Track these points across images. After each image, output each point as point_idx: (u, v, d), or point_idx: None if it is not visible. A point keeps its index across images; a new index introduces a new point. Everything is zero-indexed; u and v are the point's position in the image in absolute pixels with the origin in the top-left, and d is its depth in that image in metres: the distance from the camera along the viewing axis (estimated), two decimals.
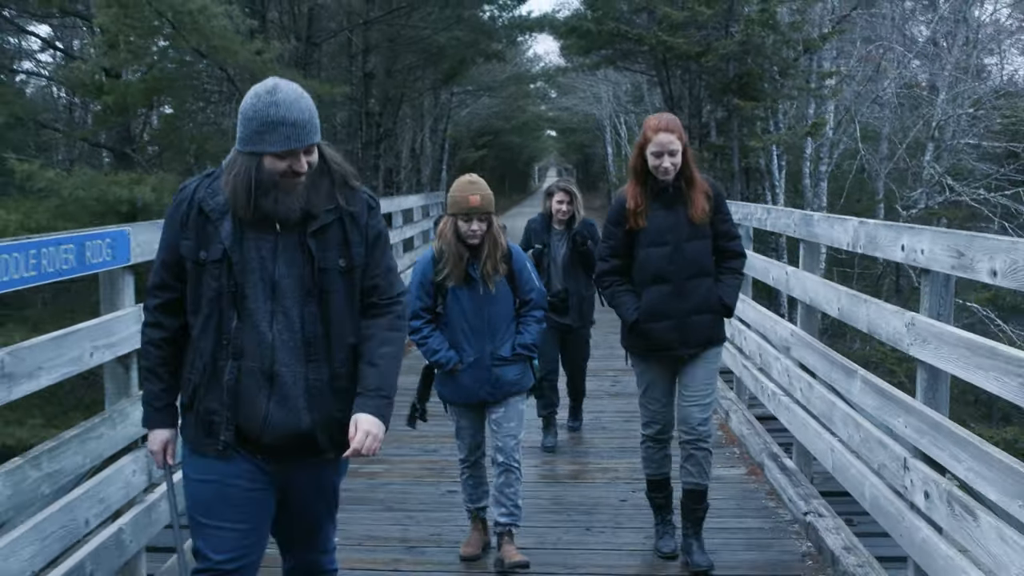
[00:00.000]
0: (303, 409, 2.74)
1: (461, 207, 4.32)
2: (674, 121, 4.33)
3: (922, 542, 3.71)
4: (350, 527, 5.03)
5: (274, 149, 2.62)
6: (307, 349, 2.73)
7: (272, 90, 2.64)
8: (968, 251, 3.33)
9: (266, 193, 2.66)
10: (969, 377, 3.31)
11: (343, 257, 2.77)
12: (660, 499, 4.70)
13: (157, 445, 2.90)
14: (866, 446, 4.37)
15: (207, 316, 2.72)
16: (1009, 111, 16.85)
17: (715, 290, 4.37)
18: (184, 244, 2.74)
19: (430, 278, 4.42)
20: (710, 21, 15.30)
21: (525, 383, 4.55)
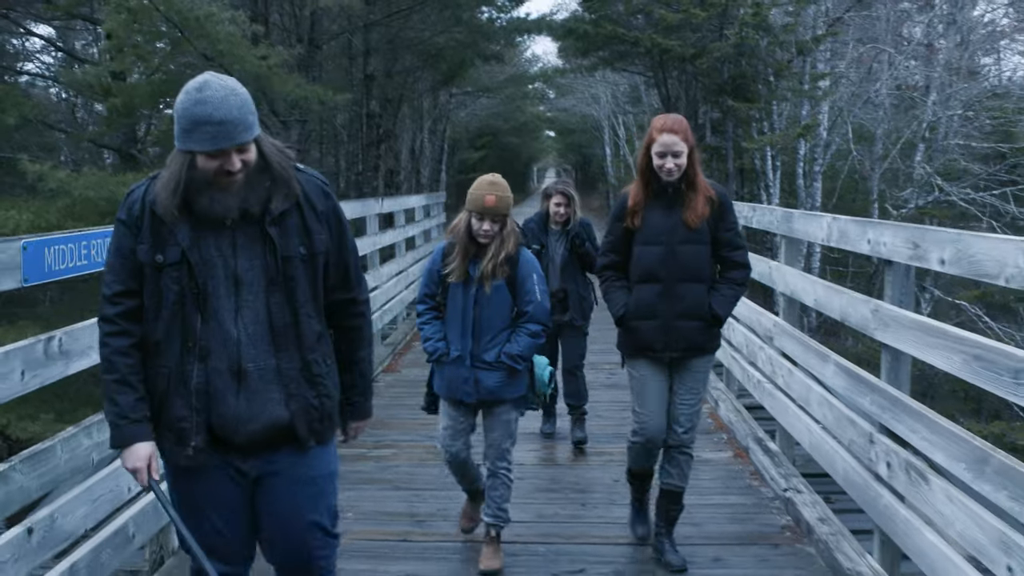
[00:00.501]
0: (278, 401, 2.71)
1: (477, 205, 4.28)
2: (680, 122, 4.29)
3: (884, 508, 4.08)
4: (362, 504, 5.42)
5: (202, 148, 2.56)
6: (276, 339, 2.71)
7: (200, 87, 2.56)
8: (922, 243, 3.70)
9: (200, 192, 2.62)
10: (923, 356, 3.69)
11: (303, 244, 2.74)
12: (638, 485, 4.80)
13: (141, 462, 2.69)
14: (838, 424, 4.74)
15: (169, 320, 2.66)
16: (998, 112, 17.20)
17: (706, 297, 4.31)
18: (140, 248, 2.67)
19: (437, 267, 4.46)
20: (705, 24, 15.64)
21: (507, 393, 4.43)
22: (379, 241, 10.34)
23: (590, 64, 22.67)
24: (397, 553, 4.74)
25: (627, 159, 36.34)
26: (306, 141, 16.95)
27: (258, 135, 2.65)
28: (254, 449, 2.74)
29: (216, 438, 2.70)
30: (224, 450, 2.72)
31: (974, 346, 3.25)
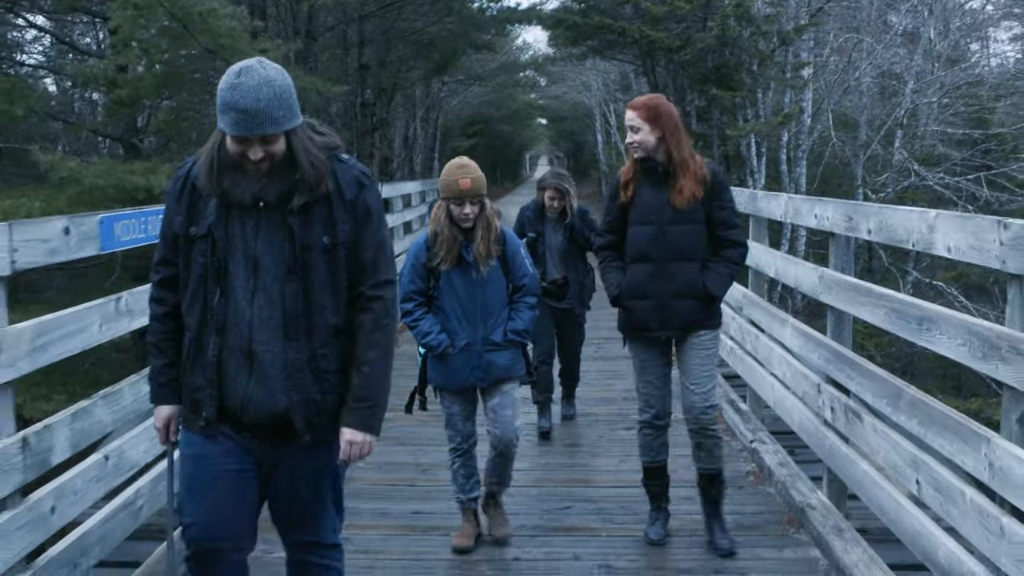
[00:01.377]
0: (279, 390, 2.71)
1: (452, 191, 4.29)
2: (645, 100, 4.36)
3: (830, 447, 4.71)
4: (371, 457, 6.01)
5: (231, 133, 2.60)
6: (287, 328, 2.70)
7: (240, 71, 2.59)
8: (854, 216, 4.33)
9: (224, 172, 2.67)
10: (858, 312, 4.32)
11: (327, 234, 2.72)
12: (656, 487, 4.67)
13: (161, 421, 2.87)
14: (794, 379, 5.37)
15: (194, 291, 2.73)
16: (973, 100, 17.82)
17: (699, 276, 4.30)
18: (177, 220, 2.75)
19: (423, 261, 4.40)
20: (689, 15, 16.21)
21: (516, 370, 4.50)
22: None
23: (580, 53, 23.17)
24: (405, 495, 5.37)
25: (618, 146, 36.78)
26: None
27: (291, 129, 2.64)
28: (261, 433, 2.76)
29: (228, 414, 2.75)
30: (236, 427, 2.76)
31: (891, 301, 3.88)
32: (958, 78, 18.02)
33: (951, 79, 18.35)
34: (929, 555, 3.55)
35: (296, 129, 2.67)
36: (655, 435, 4.56)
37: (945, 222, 3.44)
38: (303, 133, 2.71)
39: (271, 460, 2.82)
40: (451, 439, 4.58)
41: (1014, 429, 2.99)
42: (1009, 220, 3.01)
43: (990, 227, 3.09)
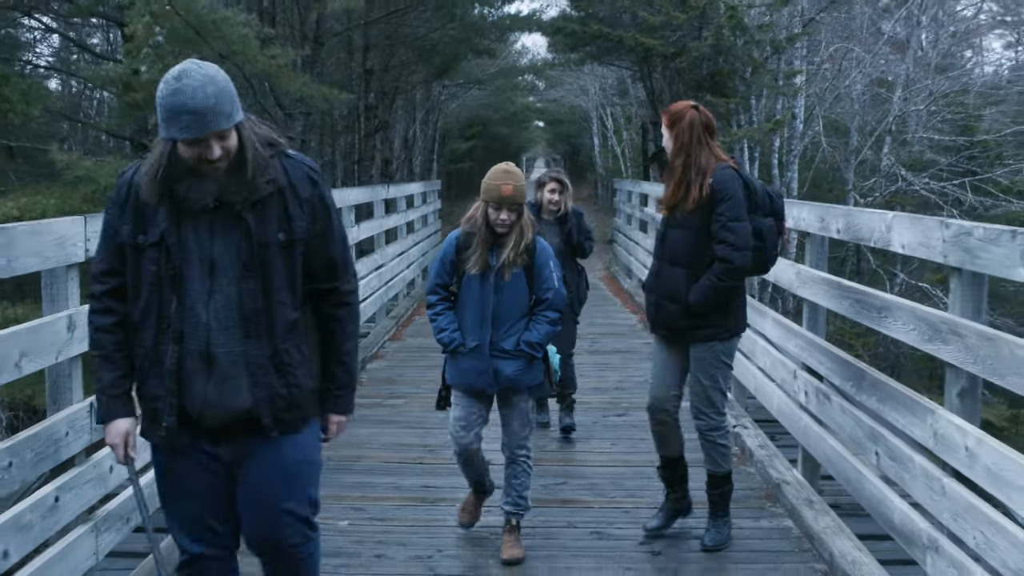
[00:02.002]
0: (244, 388, 2.73)
1: (493, 195, 4.26)
2: (671, 107, 4.51)
3: (804, 427, 5.17)
4: (381, 438, 6.51)
5: (178, 138, 2.58)
6: (245, 326, 2.71)
7: (179, 75, 2.57)
8: (826, 217, 4.79)
9: (180, 178, 2.64)
10: (828, 304, 4.78)
11: (282, 231, 2.74)
12: (667, 474, 4.82)
13: (118, 437, 2.79)
14: (774, 367, 5.83)
15: (147, 300, 2.71)
16: (959, 108, 18.31)
17: (684, 282, 4.35)
18: (124, 229, 2.72)
19: (451, 257, 4.43)
20: (684, 24, 16.66)
21: (527, 381, 4.45)
22: (384, 224, 11.39)
23: (578, 58, 23.60)
24: (415, 472, 5.82)
25: (615, 150, 37.23)
26: (308, 132, 17.97)
27: (240, 122, 2.65)
28: (223, 434, 2.77)
29: (189, 420, 2.74)
30: (197, 433, 2.76)
31: (856, 293, 4.35)
32: (943, 86, 18.48)
33: (938, 87, 18.82)
34: (886, 518, 4.01)
35: (243, 123, 2.68)
36: (656, 423, 4.67)
37: (900, 223, 3.91)
38: (249, 127, 2.71)
39: (239, 457, 2.82)
40: (455, 445, 4.58)
41: (954, 402, 3.45)
42: (950, 221, 3.48)
43: (935, 227, 3.56)
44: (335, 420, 2.99)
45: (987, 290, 3.40)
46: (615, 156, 36.75)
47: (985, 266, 3.19)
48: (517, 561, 4.43)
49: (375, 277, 10.32)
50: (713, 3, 16.17)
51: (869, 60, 17.31)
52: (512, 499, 4.56)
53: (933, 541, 3.50)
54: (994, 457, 3.07)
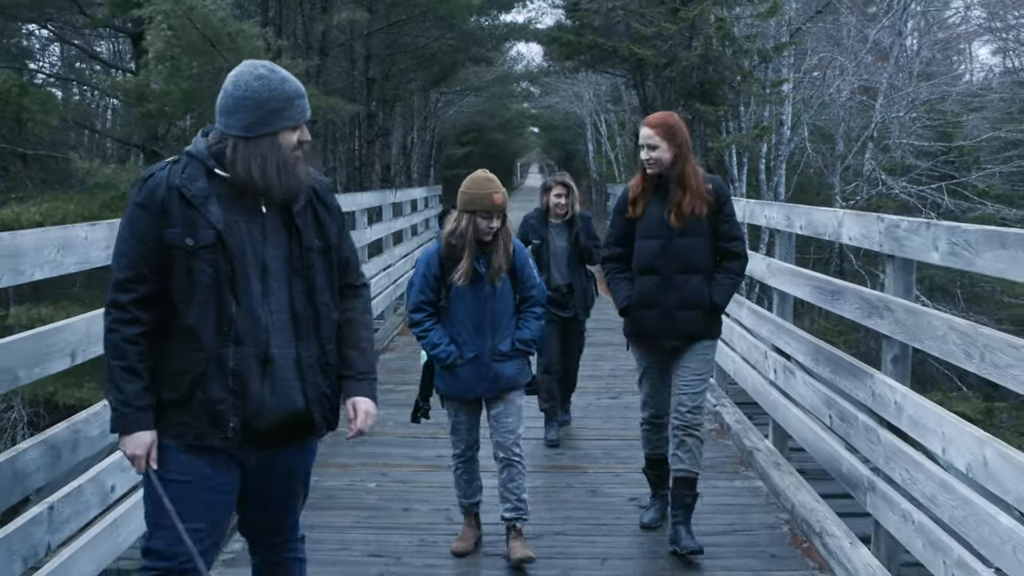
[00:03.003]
0: (296, 389, 2.77)
1: (484, 204, 4.27)
2: (663, 118, 4.44)
3: (773, 401, 5.88)
4: (397, 419, 7.17)
5: (294, 122, 2.68)
6: (297, 328, 2.76)
7: (273, 69, 2.70)
8: (791, 216, 5.52)
9: (283, 172, 2.68)
10: (792, 291, 5.51)
11: (319, 237, 2.82)
12: (654, 476, 4.93)
13: (141, 449, 2.70)
14: (749, 351, 6.55)
15: (203, 303, 2.67)
16: (937, 115, 19.10)
17: (705, 287, 4.42)
18: (170, 232, 2.65)
19: (435, 272, 4.40)
20: (675, 35, 17.40)
21: (522, 379, 4.53)
22: (392, 226, 12.12)
23: (573, 66, 24.33)
24: (429, 445, 6.50)
25: (609, 155, 37.91)
26: (314, 139, 18.70)
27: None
28: (268, 439, 2.78)
29: (245, 424, 2.73)
30: (248, 437, 2.76)
31: (814, 280, 5.09)
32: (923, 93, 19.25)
33: (916, 95, 19.59)
34: (837, 470, 4.73)
35: None
36: (654, 430, 4.79)
37: (848, 219, 4.64)
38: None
39: (262, 464, 2.84)
40: (455, 445, 4.63)
41: (888, 366, 4.16)
42: (885, 216, 4.21)
43: (874, 222, 4.28)
44: (364, 407, 2.95)
45: (915, 274, 4.11)
46: (609, 161, 37.40)
47: (910, 252, 3.92)
48: (529, 560, 4.42)
49: (384, 276, 11.03)
50: (703, 15, 16.91)
51: (852, 69, 18.04)
52: (512, 504, 4.52)
53: (871, 483, 4.22)
54: (915, 408, 3.78)
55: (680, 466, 4.57)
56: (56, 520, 3.25)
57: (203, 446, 2.72)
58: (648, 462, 4.94)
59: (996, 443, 3.13)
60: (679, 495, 4.60)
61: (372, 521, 5.10)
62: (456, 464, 4.65)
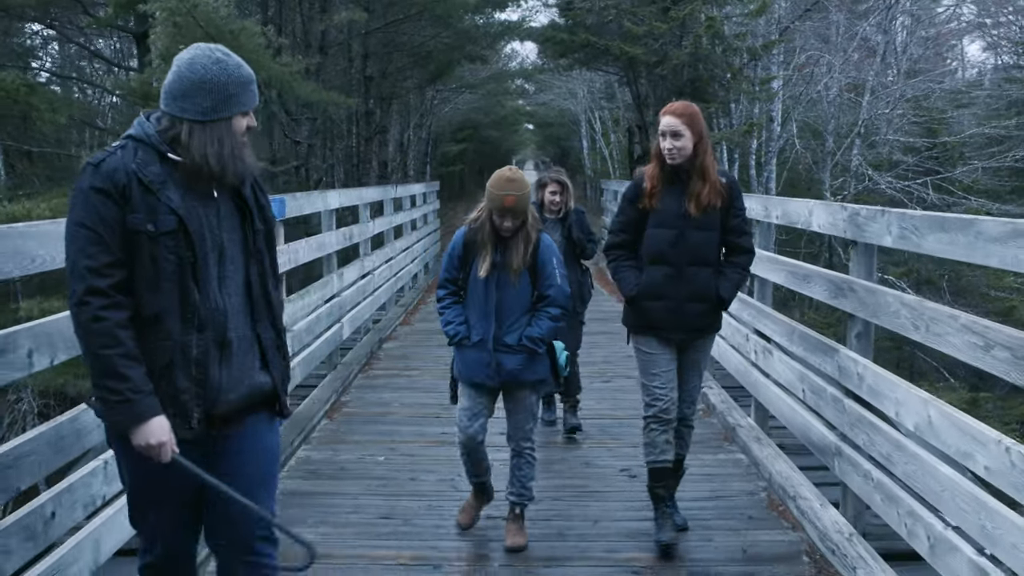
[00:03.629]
0: (259, 370, 2.80)
1: (496, 205, 4.34)
2: (686, 107, 4.35)
3: (754, 380, 6.31)
4: (403, 400, 7.64)
5: (247, 107, 2.69)
6: (254, 311, 2.78)
7: (228, 53, 2.69)
8: (768, 206, 5.94)
9: (237, 156, 2.69)
10: (769, 277, 5.93)
11: (261, 220, 2.84)
12: (660, 489, 4.68)
13: (165, 434, 2.61)
14: (732, 334, 6.98)
15: (167, 291, 2.62)
16: (923, 112, 19.58)
17: (713, 281, 4.42)
18: (133, 218, 2.58)
19: (459, 252, 4.53)
20: (666, 34, 17.83)
21: (529, 376, 4.52)
22: (393, 220, 12.52)
23: (567, 64, 24.74)
24: (433, 423, 6.93)
25: (603, 151, 38.30)
26: (313, 136, 19.11)
27: None
28: (226, 421, 2.77)
29: (207, 411, 2.72)
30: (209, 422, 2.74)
31: (788, 266, 5.53)
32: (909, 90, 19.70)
33: (904, 92, 20.04)
34: (808, 438, 5.17)
35: None
36: (661, 430, 4.58)
37: (817, 208, 5.08)
38: None
39: (226, 445, 2.81)
40: (460, 435, 4.65)
41: (853, 342, 4.59)
42: (848, 205, 4.64)
43: (838, 210, 4.72)
44: (285, 399, 3.02)
45: (876, 257, 4.54)
46: (603, 158, 37.77)
47: (869, 237, 4.35)
48: (520, 548, 4.56)
49: (386, 268, 11.44)
50: (693, 14, 17.34)
51: (838, 67, 18.49)
52: (517, 489, 4.67)
53: (838, 448, 4.65)
54: (873, 378, 4.22)
55: (676, 451, 4.72)
56: (111, 474, 3.66)
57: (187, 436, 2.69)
58: (654, 474, 4.66)
59: (938, 403, 3.57)
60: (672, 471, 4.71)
61: (382, 489, 5.52)
62: (460, 451, 4.70)
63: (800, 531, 4.85)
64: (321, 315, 7.71)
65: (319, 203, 7.98)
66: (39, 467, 3.25)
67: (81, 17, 18.13)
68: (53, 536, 3.31)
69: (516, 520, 4.69)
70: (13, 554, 3.06)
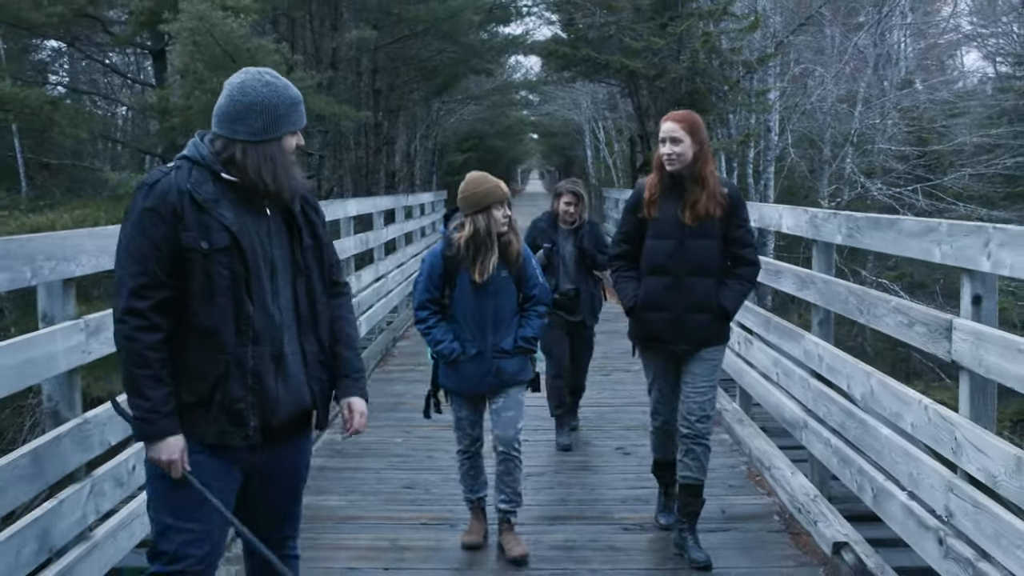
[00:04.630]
0: (303, 386, 2.87)
1: (496, 196, 4.42)
2: (686, 115, 4.35)
3: (739, 369, 6.97)
4: (415, 391, 8.21)
5: (297, 127, 2.78)
6: (301, 325, 2.85)
7: (277, 76, 2.78)
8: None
9: (286, 173, 2.78)
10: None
11: (311, 237, 2.91)
12: (666, 477, 4.86)
13: (177, 453, 2.74)
14: None
15: (222, 305, 2.72)
16: (913, 121, 20.27)
17: (715, 291, 4.36)
18: (186, 236, 2.69)
19: (439, 272, 4.52)
20: (664, 48, 18.52)
21: (524, 375, 4.63)
22: (405, 227, 13.23)
23: (570, 76, 25.46)
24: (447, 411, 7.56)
25: (607, 160, 38.92)
26: (325, 148, 19.86)
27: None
28: (280, 433, 2.86)
29: (263, 421, 2.81)
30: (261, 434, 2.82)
31: (763, 263, 6.18)
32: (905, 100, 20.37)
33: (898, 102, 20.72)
34: (782, 416, 5.82)
35: None
36: (665, 438, 4.74)
37: (785, 212, 5.76)
38: None
39: (266, 460, 2.89)
40: (459, 441, 4.74)
41: (816, 328, 5.25)
42: (808, 209, 5.32)
43: (801, 214, 5.40)
44: (359, 408, 3.06)
45: (834, 255, 5.20)
46: (607, 167, 38.36)
47: (824, 236, 5.02)
48: (525, 557, 4.55)
49: (398, 272, 12.13)
50: (689, 30, 18.03)
51: (830, 79, 19.18)
52: (507, 495, 4.67)
53: (805, 421, 5.30)
54: (831, 357, 4.88)
55: (686, 473, 4.53)
56: None
57: (221, 445, 2.79)
58: (657, 465, 4.92)
59: (877, 374, 4.23)
60: (685, 503, 4.58)
61: (402, 464, 6.20)
62: (461, 460, 4.76)
63: (773, 496, 5.50)
64: None
65: (340, 211, 8.68)
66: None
67: (99, 35, 18.88)
68: (133, 485, 3.99)
69: (509, 529, 4.70)
70: (106, 496, 3.76)
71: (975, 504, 3.27)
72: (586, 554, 4.74)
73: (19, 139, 19.46)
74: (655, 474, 4.96)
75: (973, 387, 3.41)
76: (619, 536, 4.96)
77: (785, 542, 4.88)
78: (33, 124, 17.97)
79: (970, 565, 3.30)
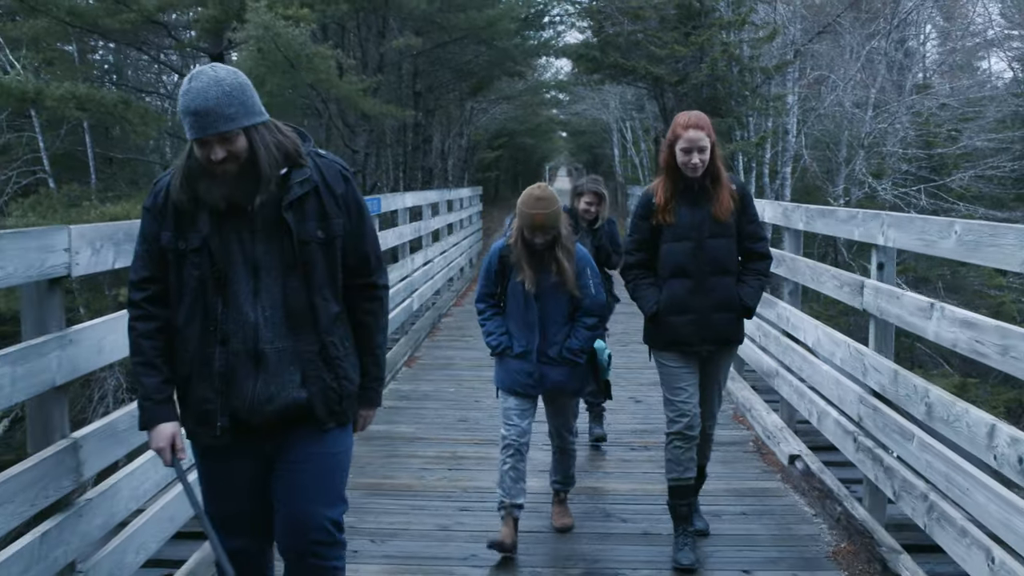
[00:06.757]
0: (296, 383, 2.78)
1: (527, 222, 4.40)
2: (704, 119, 4.30)
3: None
4: (464, 355, 9.80)
5: (189, 136, 2.63)
6: (291, 323, 2.76)
7: (192, 77, 2.62)
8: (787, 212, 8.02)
9: (197, 179, 2.68)
10: None
11: (321, 229, 2.79)
12: (683, 508, 4.56)
13: (164, 441, 2.78)
14: None
15: (191, 305, 2.74)
16: (922, 125, 21.51)
17: (735, 289, 4.37)
18: (164, 235, 2.74)
19: (495, 268, 4.61)
20: (687, 56, 19.91)
21: (572, 385, 4.65)
22: (448, 219, 14.75)
23: (599, 78, 26.86)
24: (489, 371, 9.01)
25: (633, 159, 40.13)
26: (371, 145, 21.39)
27: (252, 125, 2.65)
28: (271, 431, 2.82)
29: (238, 420, 2.79)
30: (245, 432, 2.81)
31: None
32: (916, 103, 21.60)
33: (910, 106, 21.95)
34: (761, 368, 7.26)
35: (258, 126, 2.68)
36: (685, 448, 4.48)
37: (767, 206, 7.18)
38: (266, 131, 2.71)
39: (281, 449, 2.88)
40: (505, 430, 4.63)
41: (786, 297, 6.69)
42: (784, 203, 6.73)
43: (779, 207, 6.83)
44: (364, 414, 3.08)
45: (802, 241, 6.61)
46: (634, 165, 39.53)
47: (792, 224, 6.45)
48: (568, 528, 4.90)
49: (441, 259, 13.64)
50: (710, 39, 19.40)
51: (843, 85, 20.49)
52: (560, 476, 5.03)
53: (777, 371, 6.73)
54: (795, 318, 6.30)
55: (701, 463, 4.79)
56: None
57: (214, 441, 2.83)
58: (674, 491, 4.56)
59: (822, 326, 5.66)
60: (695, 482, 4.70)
61: (455, 406, 7.71)
62: (503, 457, 4.60)
63: (751, 430, 6.94)
64: (400, 289, 9.91)
65: (399, 202, 10.22)
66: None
67: (165, 40, 20.48)
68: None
69: (561, 503, 5.06)
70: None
71: (874, 408, 4.69)
72: (599, 463, 6.22)
73: (89, 135, 21.07)
74: (671, 505, 4.59)
75: (876, 327, 4.81)
76: (628, 453, 6.45)
77: (755, 459, 6.33)
78: (107, 122, 19.55)
79: (870, 452, 4.72)
